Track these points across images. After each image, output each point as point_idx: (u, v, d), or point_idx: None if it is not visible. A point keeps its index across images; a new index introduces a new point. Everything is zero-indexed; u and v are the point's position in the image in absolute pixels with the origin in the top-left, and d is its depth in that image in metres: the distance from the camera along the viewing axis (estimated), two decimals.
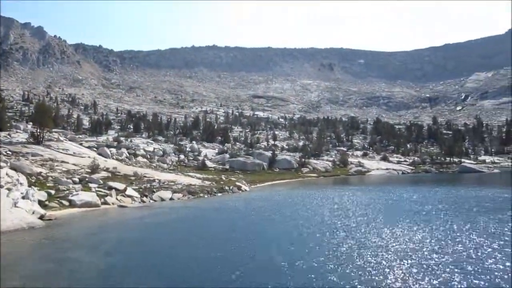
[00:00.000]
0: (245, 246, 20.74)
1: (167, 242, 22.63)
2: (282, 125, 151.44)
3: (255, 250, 19.89)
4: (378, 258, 17.84)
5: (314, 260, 17.67)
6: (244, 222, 28.88)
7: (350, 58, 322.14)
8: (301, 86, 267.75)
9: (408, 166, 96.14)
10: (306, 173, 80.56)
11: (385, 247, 19.74)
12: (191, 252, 19.88)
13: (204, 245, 21.31)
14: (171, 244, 22.06)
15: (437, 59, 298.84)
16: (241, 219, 30.17)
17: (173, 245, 21.93)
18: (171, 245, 21.79)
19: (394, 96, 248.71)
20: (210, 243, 21.88)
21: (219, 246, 20.88)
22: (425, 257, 17.75)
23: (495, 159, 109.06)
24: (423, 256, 17.99)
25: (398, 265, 16.75)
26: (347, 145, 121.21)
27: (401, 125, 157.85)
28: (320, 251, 19.37)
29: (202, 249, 20.41)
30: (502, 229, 23.29)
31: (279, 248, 20.14)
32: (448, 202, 36.31)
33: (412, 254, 18.39)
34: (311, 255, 18.56)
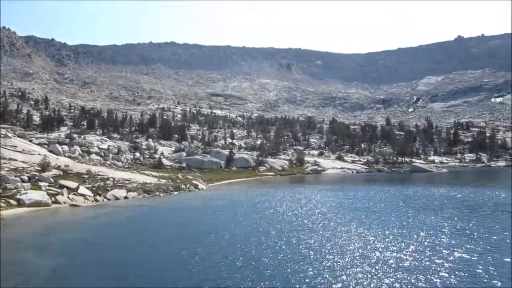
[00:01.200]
0: (198, 246, 20.67)
1: (120, 242, 22.20)
2: (240, 124, 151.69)
3: (208, 251, 19.85)
4: (326, 256, 18.28)
5: (266, 259, 17.89)
6: (199, 222, 28.74)
7: (308, 59, 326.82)
8: (259, 85, 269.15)
9: (362, 165, 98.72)
10: (263, 172, 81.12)
11: (338, 246, 20.24)
12: (143, 252, 19.60)
13: (157, 245, 21.07)
14: (124, 245, 21.65)
15: (391, 63, 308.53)
16: (196, 218, 30.02)
17: (125, 245, 21.52)
18: (124, 246, 21.38)
19: (349, 97, 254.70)
20: (164, 243, 21.65)
21: (172, 246, 20.72)
22: (369, 254, 18.35)
23: (443, 159, 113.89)
24: (370, 252, 18.60)
25: (347, 262, 17.24)
26: (303, 144, 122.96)
27: (356, 125, 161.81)
28: (273, 250, 19.61)
29: (155, 249, 20.18)
30: (444, 226, 24.40)
31: (232, 248, 20.21)
32: (399, 201, 37.61)
33: (356, 250, 18.97)
34: (262, 254, 18.77)
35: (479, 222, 25.78)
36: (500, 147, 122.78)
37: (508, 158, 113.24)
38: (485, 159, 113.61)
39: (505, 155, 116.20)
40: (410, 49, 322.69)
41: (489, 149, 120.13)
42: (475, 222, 25.70)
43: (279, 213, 31.13)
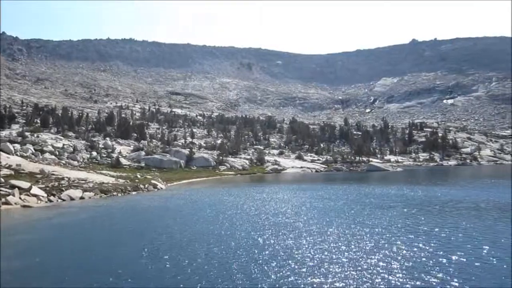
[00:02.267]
0: (154, 247, 20.38)
1: (73, 244, 21.54)
2: (200, 123, 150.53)
3: (165, 252, 19.61)
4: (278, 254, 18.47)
5: (227, 259, 17.87)
6: (156, 222, 28.32)
7: (268, 59, 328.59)
8: (220, 84, 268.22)
9: (321, 164, 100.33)
10: (223, 171, 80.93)
11: (298, 244, 20.48)
12: (97, 255, 19.12)
13: (111, 246, 20.61)
14: (77, 247, 21.02)
15: (350, 64, 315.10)
16: (154, 219, 29.57)
17: (79, 247, 20.90)
18: (77, 248, 20.76)
19: (309, 97, 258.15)
20: (117, 245, 21.20)
21: (127, 248, 20.31)
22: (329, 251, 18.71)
23: (398, 158, 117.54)
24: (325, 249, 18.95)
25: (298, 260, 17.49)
26: (264, 144, 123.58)
27: (316, 125, 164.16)
28: (235, 250, 19.62)
29: (109, 251, 19.73)
30: (398, 224, 25.22)
31: (190, 248, 20.05)
32: (356, 200, 38.50)
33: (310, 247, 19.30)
34: (222, 254, 18.74)
35: (428, 219, 26.75)
36: (452, 146, 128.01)
37: (458, 157, 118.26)
38: (437, 158, 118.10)
39: (456, 155, 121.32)
40: (367, 51, 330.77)
41: (441, 149, 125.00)
42: (425, 219, 26.65)
43: (239, 212, 31.15)
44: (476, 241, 19.88)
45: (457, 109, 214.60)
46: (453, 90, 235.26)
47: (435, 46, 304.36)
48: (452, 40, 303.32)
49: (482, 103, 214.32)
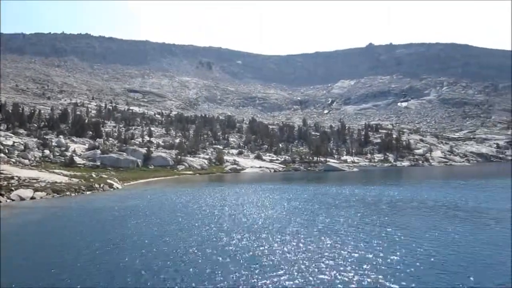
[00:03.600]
0: (107, 248, 19.92)
1: (18, 247, 20.71)
2: (158, 122, 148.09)
3: (117, 252, 19.21)
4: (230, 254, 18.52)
5: (182, 260, 17.72)
6: (110, 222, 27.68)
7: (228, 58, 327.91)
8: (179, 82, 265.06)
9: (280, 164, 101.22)
10: (182, 171, 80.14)
11: (254, 244, 20.56)
12: (41, 259, 18.47)
13: (59, 249, 19.98)
14: (22, 249, 20.23)
15: (308, 65, 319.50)
16: (108, 219, 28.87)
17: (23, 250, 20.11)
18: (21, 250, 19.98)
19: (269, 98, 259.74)
20: (66, 246, 20.57)
21: (76, 251, 19.76)
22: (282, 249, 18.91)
23: (355, 159, 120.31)
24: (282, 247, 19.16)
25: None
26: (223, 143, 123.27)
27: (275, 125, 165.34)
28: (191, 250, 19.47)
29: (56, 254, 19.12)
30: (353, 222, 25.85)
31: (144, 250, 19.74)
32: (311, 200, 39.08)
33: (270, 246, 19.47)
34: (178, 254, 18.57)
35: (380, 218, 27.55)
36: (405, 148, 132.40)
37: (411, 158, 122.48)
38: (391, 159, 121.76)
39: (409, 156, 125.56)
40: (326, 53, 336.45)
41: (395, 150, 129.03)
42: (377, 218, 27.44)
43: (196, 212, 30.96)
44: (420, 239, 20.61)
45: (411, 112, 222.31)
46: (407, 93, 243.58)
47: (390, 50, 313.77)
48: (406, 45, 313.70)
49: (434, 107, 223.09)
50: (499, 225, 24.09)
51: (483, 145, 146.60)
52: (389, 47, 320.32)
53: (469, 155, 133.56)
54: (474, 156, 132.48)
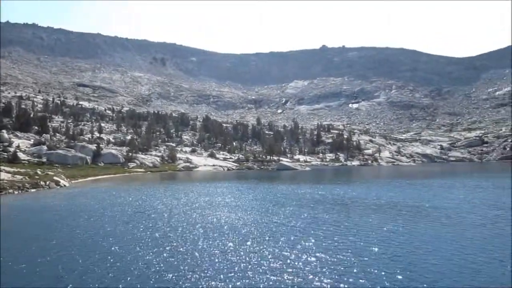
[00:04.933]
0: (46, 250, 19.21)
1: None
2: (109, 117, 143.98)
3: (56, 254, 18.56)
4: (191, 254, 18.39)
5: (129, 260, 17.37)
6: (53, 222, 26.67)
7: (182, 55, 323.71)
8: (131, 78, 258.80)
9: (233, 163, 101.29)
10: (133, 168, 78.50)
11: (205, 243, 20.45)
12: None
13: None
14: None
15: (263, 65, 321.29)
16: (51, 218, 27.81)
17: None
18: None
19: (223, 96, 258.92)
20: (5, 250, 19.66)
21: (12, 254, 18.93)
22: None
23: (307, 158, 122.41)
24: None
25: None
26: (176, 141, 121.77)
27: (229, 124, 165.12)
28: (139, 249, 19.13)
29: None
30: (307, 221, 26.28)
31: (86, 250, 19.19)
32: (262, 198, 39.39)
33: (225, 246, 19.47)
34: (126, 254, 18.19)
35: (328, 216, 28.19)
36: (355, 148, 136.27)
37: (361, 158, 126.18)
38: (342, 159, 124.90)
39: (359, 156, 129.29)
40: (280, 54, 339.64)
41: (346, 150, 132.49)
42: (328, 216, 28.07)
43: (146, 211, 30.45)
44: (367, 236, 21.26)
45: (361, 113, 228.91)
46: (358, 95, 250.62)
47: (343, 53, 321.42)
48: (358, 48, 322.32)
49: (383, 109, 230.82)
50: (440, 222, 25.22)
51: (428, 147, 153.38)
52: (341, 49, 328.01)
53: (415, 155, 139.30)
54: (419, 157, 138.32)
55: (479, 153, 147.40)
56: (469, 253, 17.88)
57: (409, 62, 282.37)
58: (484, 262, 16.47)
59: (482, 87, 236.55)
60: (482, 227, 23.68)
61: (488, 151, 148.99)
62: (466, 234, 21.90)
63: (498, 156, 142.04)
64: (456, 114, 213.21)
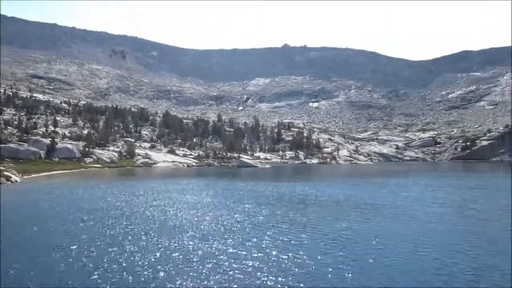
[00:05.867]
0: None
1: None
2: (65, 111, 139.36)
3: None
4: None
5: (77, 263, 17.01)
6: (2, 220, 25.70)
7: (143, 49, 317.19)
8: (89, 70, 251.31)
9: (194, 159, 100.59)
10: (89, 164, 76.58)
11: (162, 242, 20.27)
12: None
13: None
14: None
15: (225, 61, 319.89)
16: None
17: None
18: None
19: (184, 92, 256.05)
20: None
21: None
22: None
23: (267, 155, 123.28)
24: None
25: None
26: (135, 136, 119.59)
27: (189, 120, 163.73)
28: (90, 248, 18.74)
29: None
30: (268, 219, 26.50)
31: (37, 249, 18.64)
32: (225, 196, 39.40)
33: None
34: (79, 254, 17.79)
35: (287, 213, 28.58)
36: (315, 146, 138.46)
37: (320, 156, 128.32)
38: (302, 157, 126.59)
39: (318, 154, 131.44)
40: (243, 51, 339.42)
41: (305, 148, 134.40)
42: (287, 214, 28.43)
43: (103, 209, 29.82)
44: (325, 234, 21.73)
45: (321, 112, 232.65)
46: (318, 94, 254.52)
47: (304, 52, 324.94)
48: (319, 48, 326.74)
49: (342, 108, 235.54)
50: (391, 219, 26.07)
51: (385, 146, 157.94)
52: (303, 49, 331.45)
53: (372, 154, 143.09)
54: (376, 156, 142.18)
55: (432, 153, 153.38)
56: (419, 250, 18.55)
57: (368, 64, 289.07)
58: (430, 260, 17.13)
59: (436, 90, 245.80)
60: (430, 224, 24.61)
61: (440, 151, 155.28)
62: (414, 231, 22.71)
63: (449, 156, 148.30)
64: (411, 115, 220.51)
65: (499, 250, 18.63)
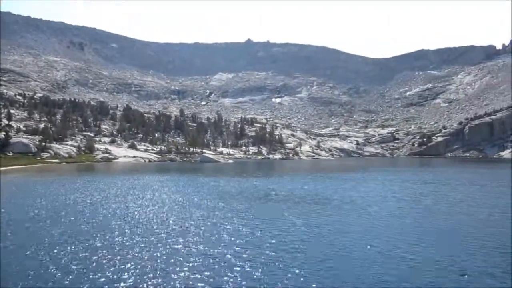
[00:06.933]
0: None
1: None
2: (20, 104, 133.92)
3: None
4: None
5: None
6: None
7: (103, 40, 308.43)
8: (45, 62, 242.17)
9: (155, 154, 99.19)
10: (46, 159, 74.09)
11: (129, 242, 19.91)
12: None
13: None
14: None
15: (187, 55, 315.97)
16: None
17: None
18: None
19: (145, 85, 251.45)
20: None
21: None
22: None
23: (230, 151, 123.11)
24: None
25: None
26: (94, 131, 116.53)
27: (151, 114, 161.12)
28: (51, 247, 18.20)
29: None
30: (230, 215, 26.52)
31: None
32: (186, 192, 39.10)
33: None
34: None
35: (247, 209, 28.72)
36: (278, 142, 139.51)
37: (283, 151, 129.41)
38: (265, 152, 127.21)
39: (281, 149, 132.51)
40: (205, 45, 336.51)
41: (268, 143, 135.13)
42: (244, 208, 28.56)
43: (61, 206, 28.97)
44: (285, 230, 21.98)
45: (284, 107, 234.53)
46: (281, 90, 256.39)
47: (267, 48, 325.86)
48: (282, 44, 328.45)
49: (304, 104, 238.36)
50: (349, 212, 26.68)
51: (345, 142, 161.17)
52: (266, 44, 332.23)
53: (333, 150, 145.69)
54: (337, 151, 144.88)
55: (390, 149, 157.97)
56: (371, 244, 19.06)
57: (330, 60, 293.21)
58: (376, 252, 17.65)
59: (395, 87, 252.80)
60: (385, 219, 25.33)
61: (398, 147, 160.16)
62: (370, 224, 23.33)
63: (407, 152, 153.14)
64: (371, 111, 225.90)
65: (442, 242, 19.42)
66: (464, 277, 14.49)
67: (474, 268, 15.34)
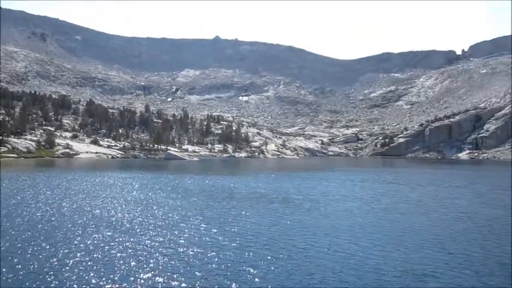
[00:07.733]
0: None
1: None
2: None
3: None
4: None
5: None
6: None
7: (66, 32, 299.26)
8: (4, 52, 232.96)
9: (119, 150, 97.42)
10: (3, 153, 71.43)
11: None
12: None
13: None
14: None
15: (154, 50, 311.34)
16: None
17: None
18: None
19: (110, 80, 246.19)
20: None
21: None
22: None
23: (196, 148, 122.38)
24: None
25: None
26: (55, 125, 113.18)
27: (115, 109, 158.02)
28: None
29: None
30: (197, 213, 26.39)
31: None
32: (149, 190, 38.64)
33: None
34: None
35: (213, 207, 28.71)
36: (243, 140, 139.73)
37: (248, 150, 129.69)
38: (230, 150, 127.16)
39: (247, 148, 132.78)
40: (172, 41, 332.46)
41: (234, 142, 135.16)
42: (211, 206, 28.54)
43: (18, 203, 28.07)
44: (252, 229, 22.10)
45: (250, 106, 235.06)
46: (248, 88, 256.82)
47: (235, 46, 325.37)
48: (251, 42, 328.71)
49: (271, 103, 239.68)
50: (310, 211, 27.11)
51: (310, 141, 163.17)
52: (234, 42, 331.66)
53: (299, 149, 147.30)
54: (302, 151, 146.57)
55: (354, 149, 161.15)
56: (331, 242, 19.45)
57: (297, 60, 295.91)
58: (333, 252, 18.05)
59: (360, 89, 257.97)
60: (346, 218, 25.86)
61: (362, 147, 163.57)
62: (328, 223, 23.77)
63: (370, 152, 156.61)
64: (336, 112, 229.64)
65: (401, 241, 20.00)
66: (423, 276, 14.95)
67: (432, 267, 15.86)
